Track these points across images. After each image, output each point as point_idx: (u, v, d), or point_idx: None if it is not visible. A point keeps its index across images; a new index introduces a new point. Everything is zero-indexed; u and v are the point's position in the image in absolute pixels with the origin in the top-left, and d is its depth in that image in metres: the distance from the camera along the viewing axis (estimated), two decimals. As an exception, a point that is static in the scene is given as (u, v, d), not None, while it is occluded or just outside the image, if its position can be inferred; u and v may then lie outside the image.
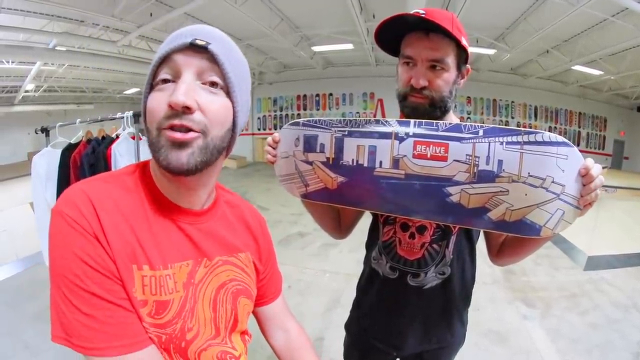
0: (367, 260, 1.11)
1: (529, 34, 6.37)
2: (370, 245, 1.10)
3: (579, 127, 11.18)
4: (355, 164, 0.82)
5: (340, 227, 1.09)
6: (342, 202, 0.88)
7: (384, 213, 0.93)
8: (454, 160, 0.74)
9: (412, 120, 0.79)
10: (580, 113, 11.10)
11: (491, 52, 8.01)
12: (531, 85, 10.44)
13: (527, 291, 3.20)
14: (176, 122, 0.51)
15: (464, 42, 0.84)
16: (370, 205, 0.85)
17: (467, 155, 0.73)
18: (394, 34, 0.88)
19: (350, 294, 1.19)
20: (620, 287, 3.26)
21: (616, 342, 2.46)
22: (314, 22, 7.23)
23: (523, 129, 0.71)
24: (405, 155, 0.77)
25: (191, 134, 0.52)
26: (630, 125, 11.40)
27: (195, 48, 0.53)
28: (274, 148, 0.95)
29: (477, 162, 0.72)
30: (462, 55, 0.87)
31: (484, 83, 10.18)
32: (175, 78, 0.53)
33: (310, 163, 0.89)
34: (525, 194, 0.69)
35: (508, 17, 6.46)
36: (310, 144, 0.89)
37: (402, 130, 0.79)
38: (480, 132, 0.73)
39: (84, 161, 2.22)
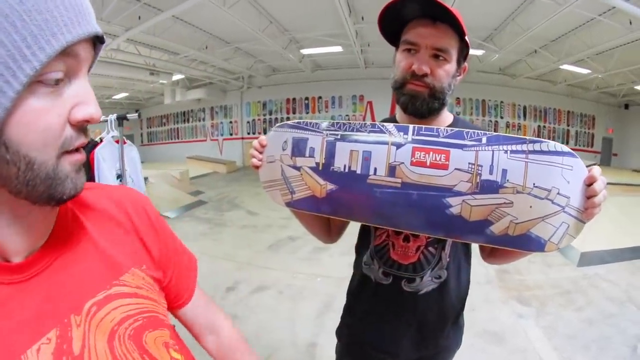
0: (357, 264, 1.05)
1: (517, 35, 6.41)
2: (361, 249, 1.05)
3: (568, 125, 11.30)
4: (347, 170, 0.77)
5: (330, 231, 1.04)
6: (329, 212, 0.82)
7: (376, 225, 0.88)
8: (455, 168, 0.70)
9: (410, 126, 0.75)
10: (568, 112, 11.22)
11: (480, 52, 8.06)
12: (520, 85, 10.52)
13: (522, 290, 3.18)
14: (84, 140, 0.40)
15: (467, 38, 0.82)
16: (361, 216, 0.80)
17: (469, 163, 0.69)
18: (397, 21, 0.84)
19: (343, 298, 1.14)
20: (614, 282, 3.26)
21: (613, 337, 2.45)
22: (302, 25, 7.19)
23: (528, 137, 0.68)
24: (402, 163, 0.73)
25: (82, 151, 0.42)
26: (618, 122, 11.56)
27: (93, 40, 0.41)
28: (260, 152, 0.90)
29: (479, 172, 0.68)
30: (463, 51, 0.85)
31: (473, 84, 10.23)
32: (67, 77, 0.38)
33: (298, 168, 0.84)
34: (530, 206, 0.66)
35: (496, 18, 6.49)
36: (299, 148, 0.84)
37: (400, 135, 0.74)
38: (484, 140, 0.69)
39: (66, 166, 2.16)
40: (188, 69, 9.53)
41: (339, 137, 0.80)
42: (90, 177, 2.07)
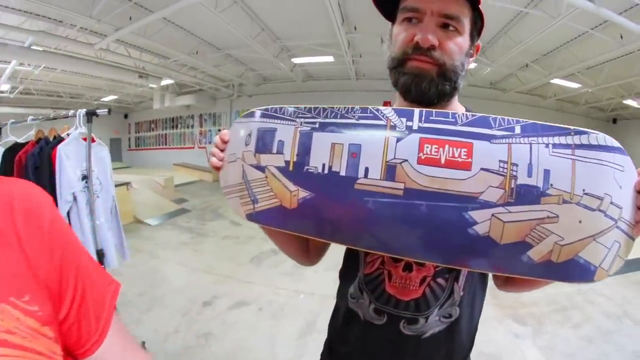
0: (342, 295, 0.83)
1: (510, 48, 6.40)
2: (346, 276, 0.83)
3: (557, 140, 11.41)
4: (326, 171, 0.59)
5: (307, 251, 0.83)
6: (302, 230, 0.62)
7: (367, 250, 0.67)
8: (482, 168, 0.51)
9: (416, 109, 0.56)
10: (558, 127, 11.34)
11: (472, 66, 8.04)
12: (510, 99, 10.57)
13: (517, 307, 3.03)
14: None
15: (481, 7, 0.65)
16: (345, 237, 0.60)
17: (500, 161, 0.51)
18: None
19: (327, 317, 0.95)
20: (609, 297, 3.18)
21: (612, 354, 2.35)
22: (294, 33, 7.11)
23: (572, 127, 0.51)
24: (405, 160, 0.54)
25: None
26: (606, 137, 11.74)
27: None
28: (221, 150, 0.72)
29: (514, 173, 0.50)
30: (477, 24, 0.67)
31: (463, 98, 9.95)
32: None
33: (262, 169, 0.64)
34: (580, 221, 0.49)
35: (488, 31, 6.49)
36: (264, 142, 0.65)
37: (401, 122, 0.55)
38: (517, 129, 0.52)
39: (29, 162, 1.99)
40: (178, 74, 9.39)
41: (316, 125, 0.61)
42: (51, 176, 1.87)
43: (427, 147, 0.53)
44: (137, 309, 2.82)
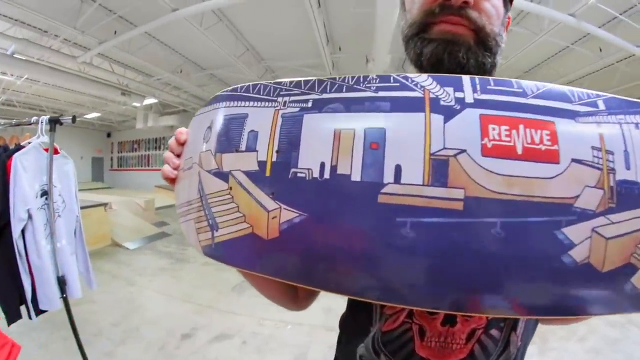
0: (346, 353, 0.60)
1: (492, 67, 6.50)
2: (351, 329, 0.61)
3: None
4: (327, 174, 0.37)
5: (295, 294, 0.63)
6: (287, 274, 0.39)
7: (398, 305, 0.46)
8: (573, 160, 0.34)
9: (466, 76, 0.38)
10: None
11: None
12: (493, 117, 10.80)
13: (519, 325, 2.94)
14: None
15: None
16: (360, 287, 0.36)
17: (593, 149, 0.35)
18: None
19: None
20: (611, 305, 3.17)
21: (623, 364, 2.29)
22: (279, 54, 7.11)
23: None
24: (463, 151, 0.35)
25: None
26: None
27: None
28: (177, 155, 0.52)
29: (611, 165, 0.34)
30: None
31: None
32: None
33: (225, 176, 0.43)
34: None
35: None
36: (228, 135, 0.44)
37: (446, 93, 0.37)
38: (601, 104, 0.36)
39: (-16, 171, 1.75)
40: (161, 93, 9.27)
41: (309, 105, 0.40)
42: (5, 187, 1.63)
43: (494, 129, 0.35)
44: (110, 341, 2.57)
